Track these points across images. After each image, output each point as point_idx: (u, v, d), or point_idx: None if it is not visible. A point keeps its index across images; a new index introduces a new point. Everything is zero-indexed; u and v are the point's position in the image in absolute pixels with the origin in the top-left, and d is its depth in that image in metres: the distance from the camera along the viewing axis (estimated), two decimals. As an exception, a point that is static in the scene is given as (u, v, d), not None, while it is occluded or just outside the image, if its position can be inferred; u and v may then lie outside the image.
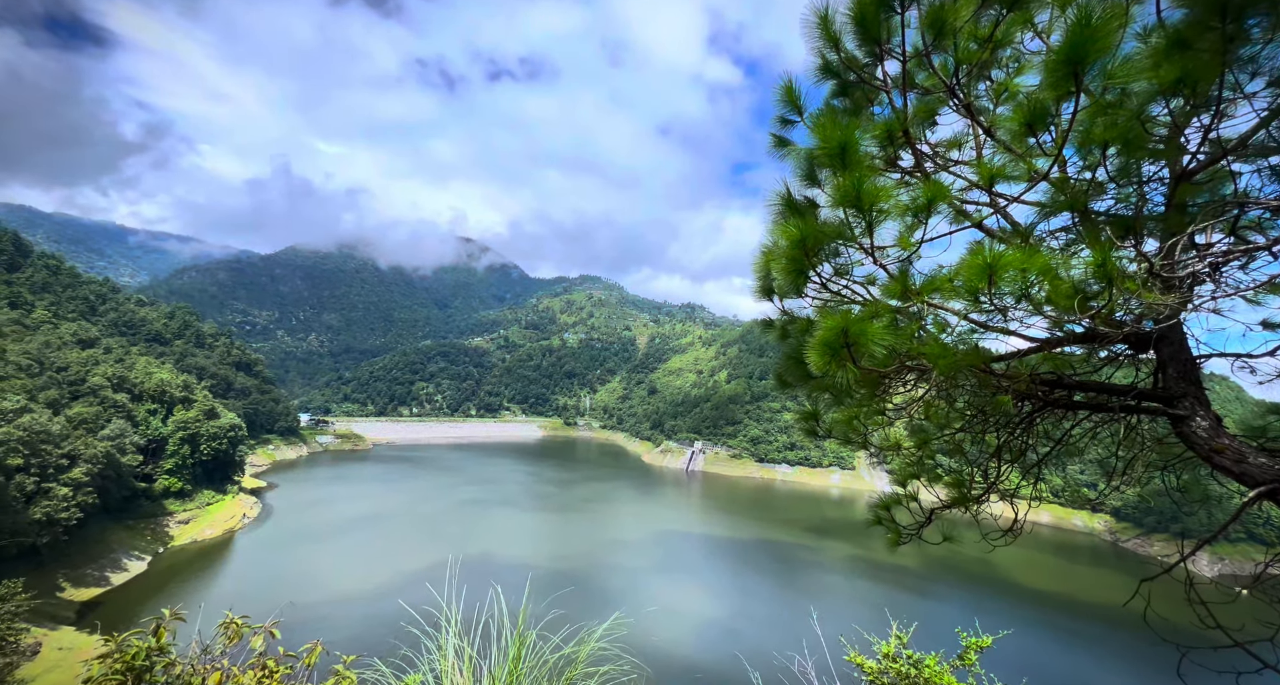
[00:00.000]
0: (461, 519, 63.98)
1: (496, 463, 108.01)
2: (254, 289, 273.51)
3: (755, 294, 3.81)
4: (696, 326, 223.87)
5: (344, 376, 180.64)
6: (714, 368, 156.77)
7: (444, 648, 2.24)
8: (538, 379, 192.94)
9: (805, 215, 2.99)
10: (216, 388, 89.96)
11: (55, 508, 40.57)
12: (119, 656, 2.59)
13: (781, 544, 62.52)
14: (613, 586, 44.99)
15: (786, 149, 3.29)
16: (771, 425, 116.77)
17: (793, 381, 3.51)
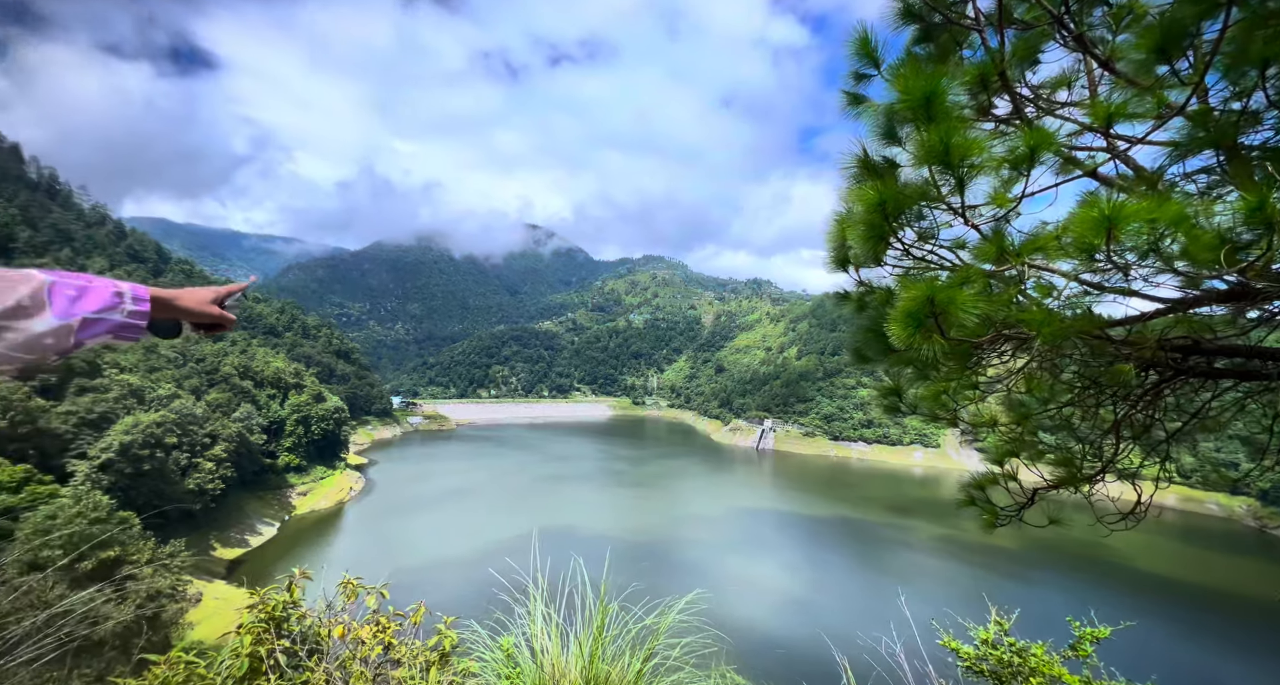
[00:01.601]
0: (542, 493, 67.42)
1: (570, 441, 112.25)
2: (347, 283, 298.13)
3: (829, 265, 3.62)
4: (763, 302, 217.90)
5: (428, 361, 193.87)
6: (783, 344, 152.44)
7: (533, 614, 2.37)
8: (605, 360, 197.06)
9: (884, 177, 2.78)
10: (321, 374, 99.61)
11: (203, 479, 47.11)
12: (262, 607, 2.94)
13: (861, 522, 60.68)
14: (689, 560, 45.86)
15: (861, 106, 3.05)
16: (846, 402, 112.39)
17: (872, 356, 3.32)
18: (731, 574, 43.20)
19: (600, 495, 68.08)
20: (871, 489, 77.65)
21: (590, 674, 2.16)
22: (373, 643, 2.81)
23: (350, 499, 64.44)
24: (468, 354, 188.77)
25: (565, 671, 2.16)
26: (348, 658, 2.84)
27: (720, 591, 33.77)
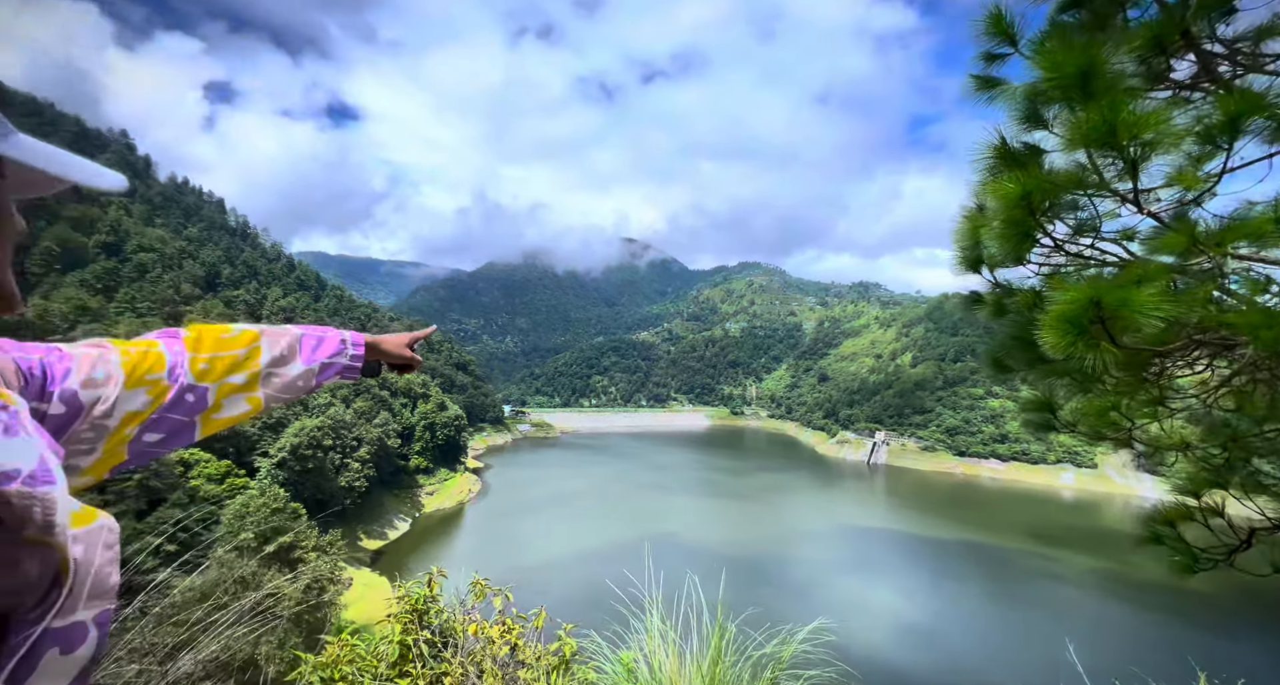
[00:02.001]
0: (645, 501, 68.29)
1: (669, 451, 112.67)
2: (464, 301, 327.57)
3: (957, 266, 3.30)
4: (871, 306, 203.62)
5: (534, 372, 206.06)
6: (895, 351, 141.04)
7: (649, 629, 2.38)
8: (702, 369, 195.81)
9: (1027, 166, 2.47)
10: (443, 384, 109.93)
11: (352, 477, 53.95)
12: (407, 599, 3.25)
13: (998, 550, 53.76)
14: (800, 579, 43.61)
15: (995, 90, 2.75)
16: (973, 414, 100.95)
17: (1016, 366, 2.94)
18: (848, 598, 40.29)
19: (702, 506, 67.39)
20: (1008, 512, 68.56)
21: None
22: (500, 642, 3.00)
23: (469, 500, 70.04)
24: (569, 365, 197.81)
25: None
26: (479, 654, 3.06)
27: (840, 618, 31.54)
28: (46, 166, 0.54)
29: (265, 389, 0.94)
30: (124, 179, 0.65)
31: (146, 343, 0.82)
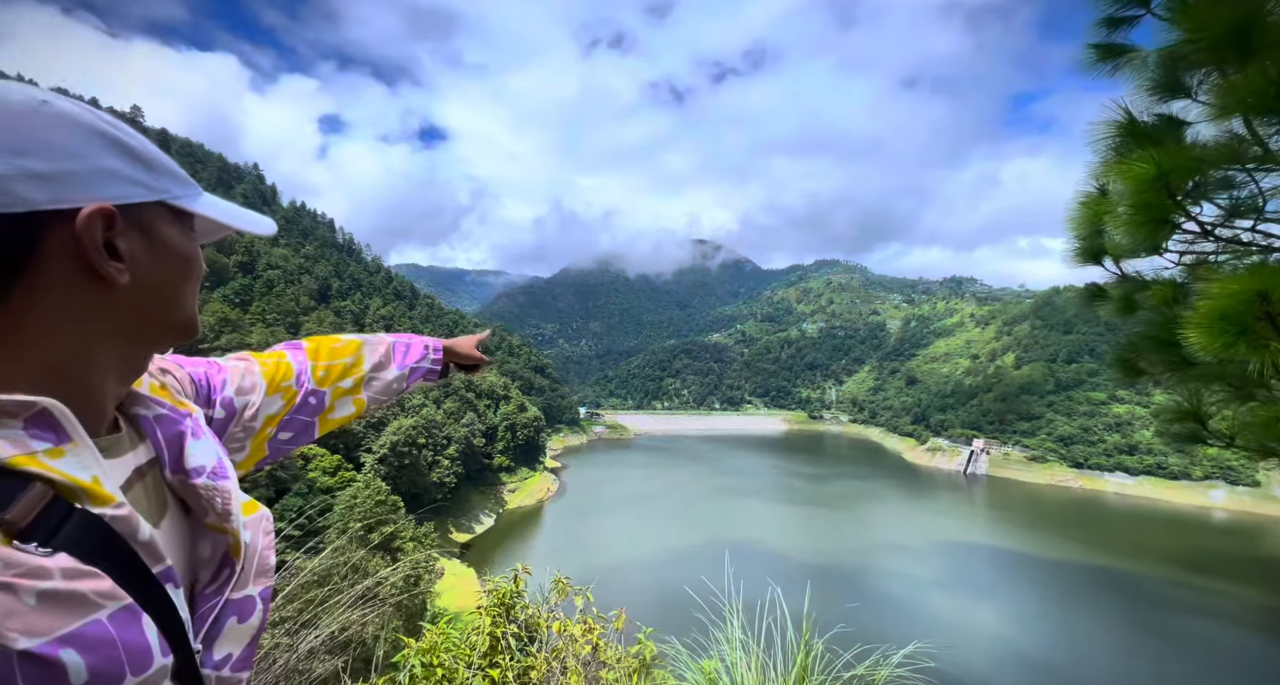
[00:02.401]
0: (721, 505, 67.36)
1: (744, 455, 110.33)
2: (541, 307, 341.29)
3: (1074, 257, 2.97)
4: (966, 303, 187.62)
5: (607, 375, 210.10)
6: (995, 351, 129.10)
7: (730, 640, 2.33)
8: (777, 371, 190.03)
9: (1161, 142, 2.16)
10: (523, 387, 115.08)
11: (443, 474, 57.83)
12: (495, 593, 3.42)
13: (1132, 576, 47.32)
14: (891, 595, 40.93)
15: (1120, 58, 2.43)
16: (1094, 421, 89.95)
17: (1152, 369, 2.58)
18: (948, 620, 37.15)
19: (782, 512, 65.31)
20: (1143, 534, 60.17)
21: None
22: (583, 641, 3.07)
23: (548, 498, 72.64)
24: (642, 367, 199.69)
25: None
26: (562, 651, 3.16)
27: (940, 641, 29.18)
28: (225, 219, 0.63)
29: (368, 392, 1.09)
30: (274, 225, 0.75)
31: (277, 354, 0.97)
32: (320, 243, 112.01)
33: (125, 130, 0.53)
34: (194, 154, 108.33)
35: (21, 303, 0.46)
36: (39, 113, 0.47)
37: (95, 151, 0.50)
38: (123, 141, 0.52)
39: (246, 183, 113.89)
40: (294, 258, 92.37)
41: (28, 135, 0.46)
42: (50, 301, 0.48)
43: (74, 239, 0.47)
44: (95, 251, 0.48)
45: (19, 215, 0.44)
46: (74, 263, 0.48)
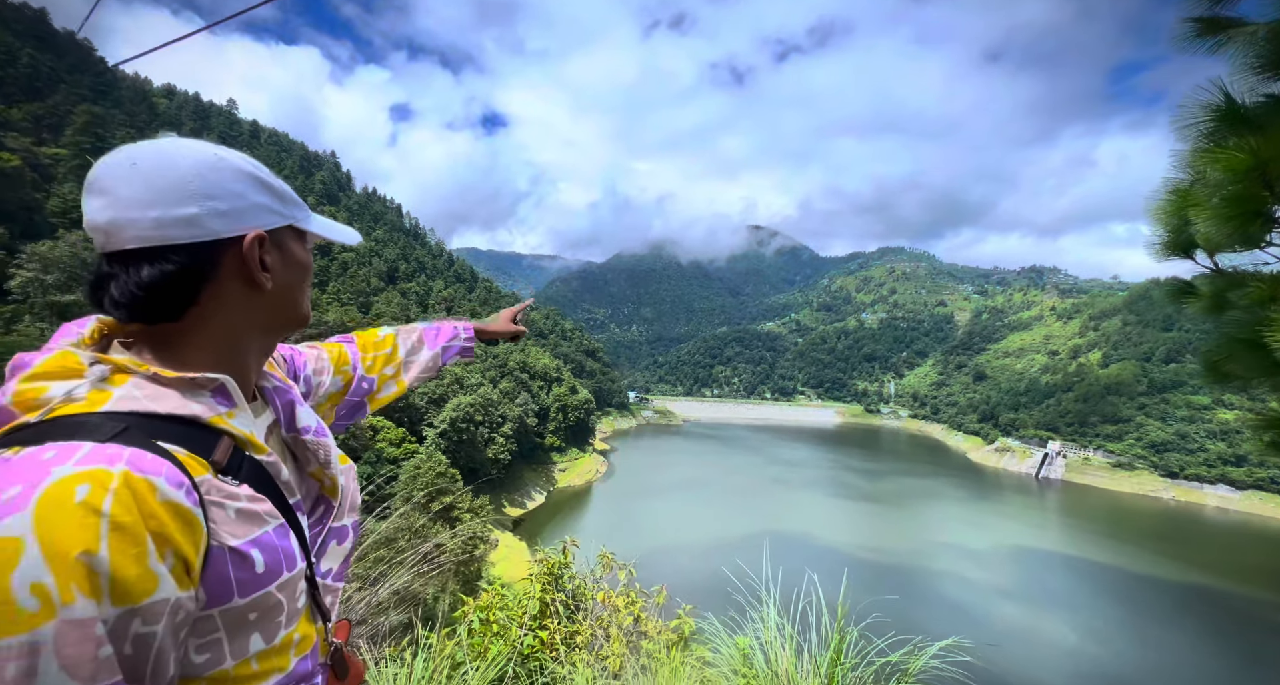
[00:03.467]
0: (769, 495, 66.75)
1: (795, 446, 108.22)
2: (594, 291, 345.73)
3: (1160, 249, 2.78)
4: (1046, 295, 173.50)
5: (658, 361, 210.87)
6: (1078, 347, 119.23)
7: (766, 621, 2.42)
8: (832, 362, 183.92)
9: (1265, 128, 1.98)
10: (574, 370, 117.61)
11: (498, 451, 60.47)
12: (545, 563, 3.66)
13: (1233, 597, 43.20)
14: (945, 597, 39.53)
15: (1223, 34, 2.22)
16: (1194, 427, 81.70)
17: (1243, 373, 2.39)
18: (1006, 626, 35.49)
19: (832, 505, 63.88)
20: (1248, 553, 54.55)
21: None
22: (625, 612, 3.25)
23: (597, 479, 74.44)
24: (692, 354, 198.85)
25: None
26: (606, 620, 3.35)
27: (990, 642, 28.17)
28: (326, 233, 0.85)
29: (408, 375, 1.30)
30: (359, 236, 0.95)
31: (338, 345, 1.18)
32: (389, 227, 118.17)
33: (265, 171, 0.76)
34: (279, 143, 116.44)
35: (207, 304, 0.68)
36: (217, 166, 0.69)
37: (251, 191, 0.72)
38: (266, 181, 0.75)
39: (325, 170, 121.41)
40: (365, 241, 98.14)
41: (214, 182, 0.68)
42: (224, 303, 0.70)
43: (240, 257, 0.70)
44: (255, 266, 0.71)
45: (208, 242, 0.67)
46: (239, 274, 0.70)
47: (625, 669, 2.72)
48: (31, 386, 0.58)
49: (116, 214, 0.64)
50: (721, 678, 2.39)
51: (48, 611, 0.44)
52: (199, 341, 0.69)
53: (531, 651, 2.95)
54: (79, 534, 0.47)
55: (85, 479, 0.50)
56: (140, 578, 0.49)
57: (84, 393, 0.59)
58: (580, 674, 2.51)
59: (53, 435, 0.54)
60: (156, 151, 0.67)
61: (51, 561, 0.45)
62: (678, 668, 2.44)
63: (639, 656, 2.86)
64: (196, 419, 0.64)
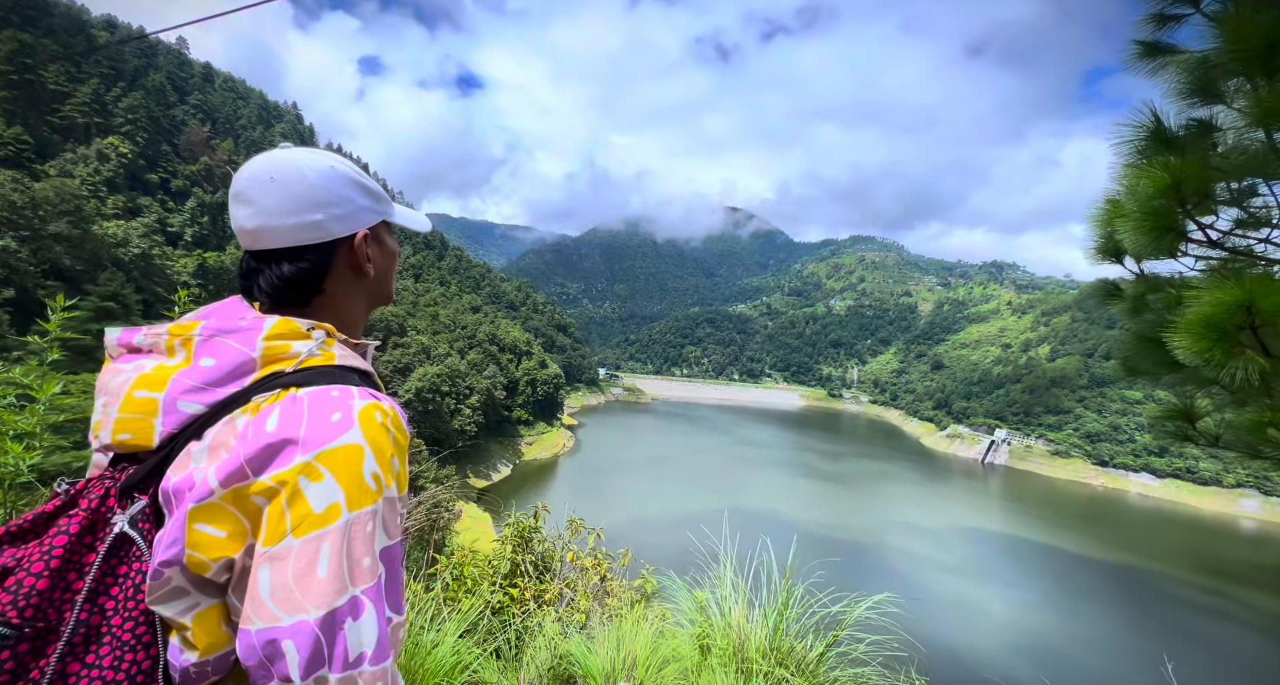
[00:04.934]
0: (733, 473, 68.72)
1: (760, 427, 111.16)
2: (567, 266, 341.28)
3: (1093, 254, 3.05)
4: (1004, 289, 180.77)
5: (629, 338, 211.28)
6: (1029, 341, 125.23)
7: (722, 579, 2.64)
8: (800, 347, 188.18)
9: (1186, 148, 2.21)
10: (545, 344, 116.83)
11: (464, 422, 60.08)
12: (516, 526, 3.82)
13: (1138, 573, 47.29)
14: (884, 565, 42.06)
15: (1162, 58, 2.43)
16: (1125, 420, 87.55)
17: (1145, 370, 2.69)
18: (940, 591, 38.15)
19: (791, 483, 66.35)
20: (1162, 536, 59.54)
21: (774, 643, 2.34)
22: (593, 572, 3.46)
23: (563, 453, 75.02)
24: (664, 333, 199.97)
25: (750, 635, 2.38)
26: (574, 580, 3.56)
27: (921, 605, 30.17)
28: (405, 223, 1.01)
29: None
30: (429, 223, 1.08)
31: None
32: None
33: (364, 175, 0.90)
34: (235, 90, 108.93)
35: (330, 290, 0.86)
36: (333, 175, 0.84)
37: (358, 195, 0.87)
38: (365, 185, 0.89)
39: (285, 122, 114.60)
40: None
41: (333, 191, 0.83)
42: (340, 289, 0.88)
43: (350, 252, 0.87)
44: (364, 259, 0.88)
45: (329, 242, 0.84)
46: (350, 265, 0.88)
47: (591, 622, 2.94)
48: (278, 344, 0.76)
49: (263, 222, 0.80)
50: (679, 628, 2.62)
51: (379, 490, 0.69)
52: (328, 318, 0.84)
53: (503, 606, 3.13)
54: (386, 442, 0.71)
55: (374, 408, 0.72)
56: (402, 476, 0.74)
57: (318, 350, 0.78)
58: (549, 626, 2.70)
59: (324, 380, 0.75)
60: (290, 166, 0.81)
61: (379, 459, 0.69)
62: (639, 620, 2.65)
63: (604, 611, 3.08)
64: (371, 375, 0.86)
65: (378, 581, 0.68)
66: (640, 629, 2.51)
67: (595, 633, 2.58)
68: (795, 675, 2.18)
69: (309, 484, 0.66)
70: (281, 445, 0.67)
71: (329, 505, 0.65)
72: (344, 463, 0.67)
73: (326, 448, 0.67)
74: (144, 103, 66.26)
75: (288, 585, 0.63)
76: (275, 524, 0.65)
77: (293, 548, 0.64)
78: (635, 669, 2.24)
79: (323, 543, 0.64)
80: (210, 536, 0.67)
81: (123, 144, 60.55)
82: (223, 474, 0.66)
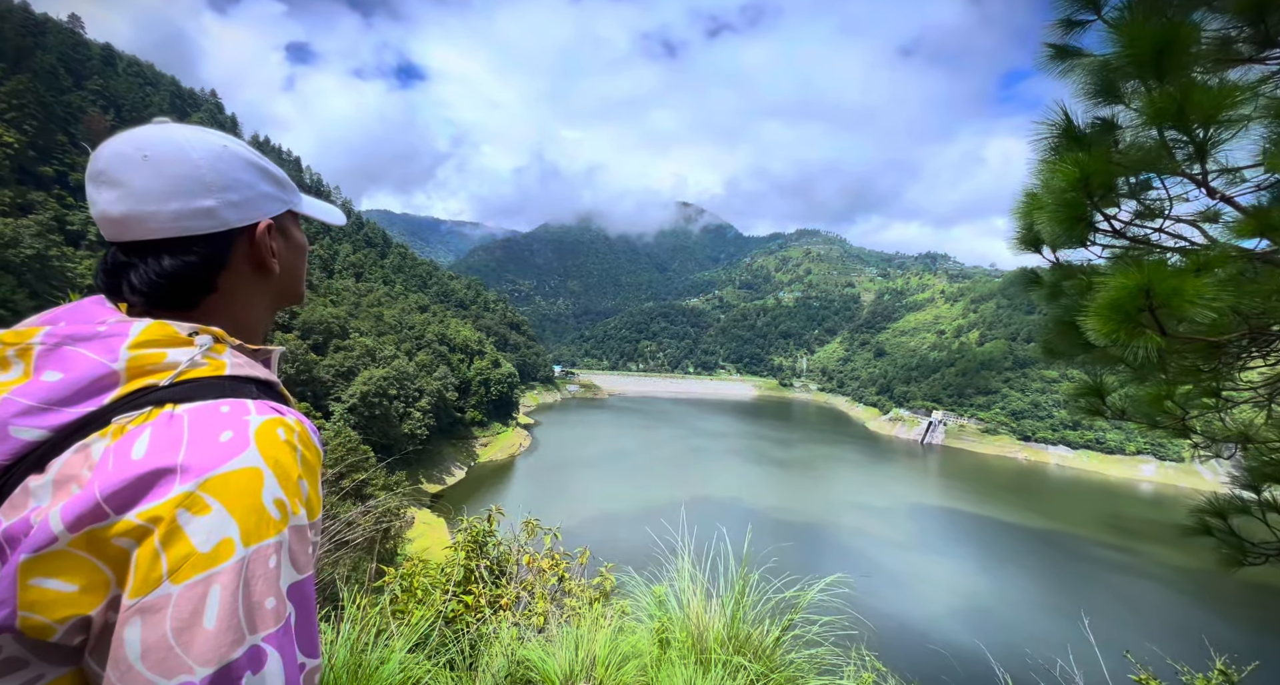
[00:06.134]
0: (691, 465, 69.66)
1: (716, 418, 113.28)
2: (519, 262, 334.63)
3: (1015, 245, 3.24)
4: (938, 279, 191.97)
5: (584, 335, 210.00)
6: (961, 327, 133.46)
7: (680, 571, 2.66)
8: (752, 338, 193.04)
9: (1092, 145, 2.39)
10: (498, 343, 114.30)
11: (414, 426, 57.97)
12: (470, 531, 3.70)
13: (1062, 538, 51.71)
14: (834, 545, 44.06)
15: (1070, 61, 2.61)
16: (1045, 398, 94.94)
17: (1063, 351, 2.91)
18: (886, 567, 40.45)
19: (746, 471, 68.05)
20: (1076, 502, 65.19)
21: (731, 632, 2.38)
22: (550, 573, 3.40)
23: (520, 453, 73.81)
24: (619, 329, 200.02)
25: (708, 625, 2.41)
26: (531, 582, 3.49)
27: (869, 582, 31.94)
28: (314, 214, 0.89)
29: None
30: (344, 216, 0.96)
31: None
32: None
33: (265, 159, 0.79)
34: (143, 74, 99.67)
35: (225, 289, 0.73)
36: (225, 156, 0.72)
37: (257, 180, 0.75)
38: (268, 169, 0.78)
39: (203, 111, 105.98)
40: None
41: (226, 174, 0.71)
42: (242, 287, 0.76)
43: (250, 245, 0.75)
44: (267, 253, 0.76)
45: (222, 234, 0.72)
46: (248, 261, 0.76)
47: (549, 624, 2.89)
48: (148, 353, 0.62)
49: (133, 207, 0.66)
50: (638, 623, 2.62)
51: (284, 519, 0.58)
52: (220, 321, 0.72)
53: (456, 615, 3.02)
54: (292, 462, 0.61)
55: (276, 424, 0.63)
56: (313, 501, 0.64)
57: (202, 359, 0.66)
58: (505, 632, 2.64)
59: (210, 393, 0.63)
60: (167, 141, 0.68)
61: (283, 484, 0.59)
62: (598, 618, 2.63)
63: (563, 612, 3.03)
64: (275, 386, 0.76)
65: (285, 624, 0.57)
66: (599, 628, 2.49)
67: (553, 635, 2.54)
68: (753, 661, 2.23)
69: (191, 518, 0.54)
70: (154, 476, 0.54)
71: (219, 542, 0.54)
72: (238, 490, 0.56)
73: (215, 473, 0.56)
74: (31, 86, 59.54)
75: (164, 642, 0.50)
76: (146, 570, 0.52)
77: (171, 596, 0.51)
78: (595, 668, 2.22)
79: (210, 586, 0.52)
80: (54, 593, 0.52)
81: (6, 132, 54.22)
82: (71, 515, 0.52)
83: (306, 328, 57.22)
